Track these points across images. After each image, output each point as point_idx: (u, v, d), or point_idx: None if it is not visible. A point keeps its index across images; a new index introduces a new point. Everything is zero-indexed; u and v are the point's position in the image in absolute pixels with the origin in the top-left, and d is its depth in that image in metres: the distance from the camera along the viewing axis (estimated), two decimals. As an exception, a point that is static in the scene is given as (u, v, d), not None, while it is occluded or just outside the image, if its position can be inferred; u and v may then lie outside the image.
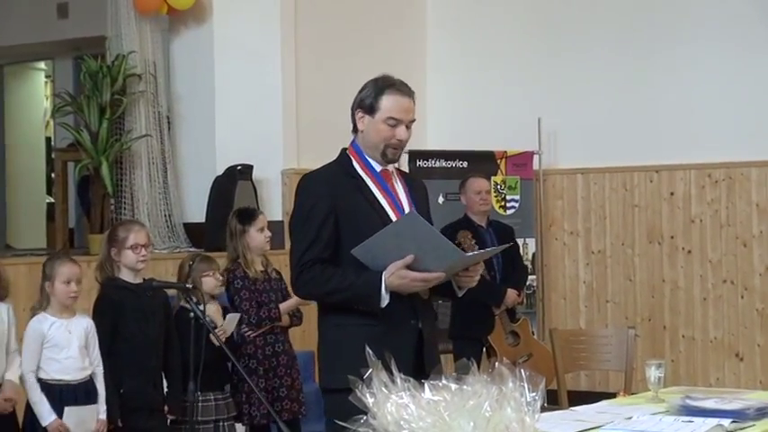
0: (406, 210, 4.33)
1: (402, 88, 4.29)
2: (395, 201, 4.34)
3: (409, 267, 4.09)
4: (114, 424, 5.75)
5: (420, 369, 4.05)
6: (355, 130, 4.35)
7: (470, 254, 4.31)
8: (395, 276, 4.10)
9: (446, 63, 10.46)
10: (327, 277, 4.18)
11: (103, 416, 5.67)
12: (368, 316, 4.18)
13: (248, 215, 6.63)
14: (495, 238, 7.80)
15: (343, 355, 4.17)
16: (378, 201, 4.30)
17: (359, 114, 4.29)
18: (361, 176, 4.31)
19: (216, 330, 5.87)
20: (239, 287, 6.43)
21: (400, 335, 4.19)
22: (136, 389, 5.83)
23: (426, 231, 4.13)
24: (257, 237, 6.53)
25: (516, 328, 7.93)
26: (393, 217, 4.28)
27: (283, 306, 6.50)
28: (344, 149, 4.40)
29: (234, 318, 6.24)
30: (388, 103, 4.24)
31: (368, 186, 4.30)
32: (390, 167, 4.39)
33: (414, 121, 4.33)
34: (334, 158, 4.42)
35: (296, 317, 6.63)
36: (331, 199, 4.22)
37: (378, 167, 4.33)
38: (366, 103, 4.26)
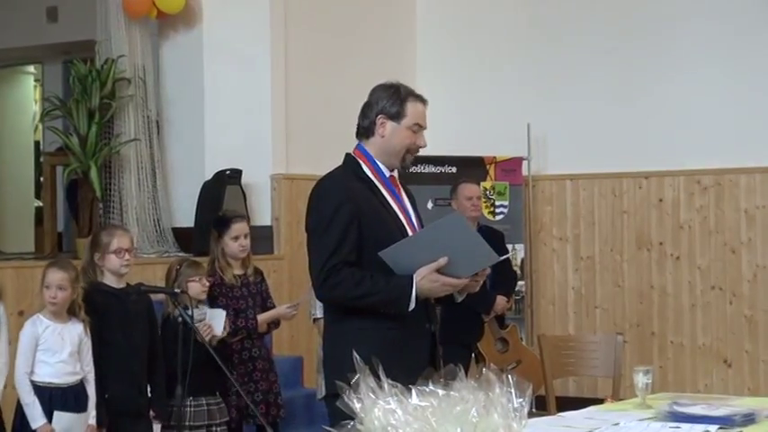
0: (412, 215, 4.41)
1: (421, 97, 4.46)
2: (403, 205, 4.40)
3: (438, 271, 4.13)
4: (104, 429, 5.74)
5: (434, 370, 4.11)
6: (366, 135, 4.38)
7: (500, 258, 4.36)
8: (426, 280, 4.13)
9: (436, 69, 10.46)
10: (357, 281, 4.18)
11: (93, 421, 5.66)
12: (388, 320, 4.20)
13: (224, 222, 6.58)
14: (486, 244, 7.80)
15: (365, 359, 4.15)
16: (390, 204, 4.35)
17: (381, 120, 4.34)
18: (372, 180, 4.35)
19: (202, 328, 5.87)
20: (216, 295, 6.42)
21: (418, 338, 4.26)
22: (121, 394, 5.82)
23: (467, 234, 4.18)
24: (231, 245, 6.50)
25: (505, 335, 7.94)
26: (403, 221, 4.34)
27: (262, 317, 6.48)
28: (349, 154, 4.42)
29: (219, 314, 6.20)
30: (414, 110, 4.38)
31: (380, 190, 4.35)
32: (395, 173, 4.43)
33: (426, 128, 4.46)
34: (339, 164, 4.43)
35: (273, 324, 6.63)
36: (352, 203, 4.23)
37: (387, 172, 4.39)
38: (392, 110, 4.34)
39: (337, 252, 4.19)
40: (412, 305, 4.15)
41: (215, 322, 6.14)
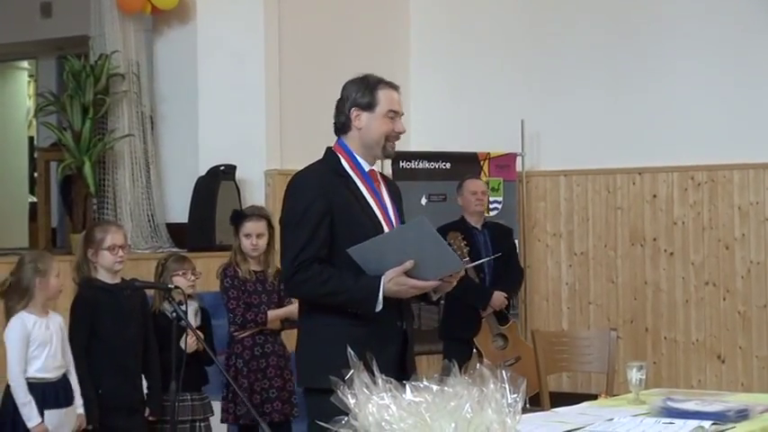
0: (390, 210, 4.37)
1: (392, 83, 4.39)
2: (381, 201, 4.37)
3: (406, 273, 4.12)
4: (93, 425, 5.73)
5: (403, 369, 4.12)
6: (343, 131, 4.36)
7: (467, 262, 4.33)
8: (393, 283, 4.12)
9: (430, 65, 10.47)
10: (325, 279, 4.18)
11: (81, 410, 5.66)
12: (357, 317, 4.19)
13: (238, 218, 6.55)
14: (489, 240, 7.81)
15: (333, 355, 4.15)
16: (366, 200, 4.32)
17: (355, 113, 4.31)
18: (350, 175, 4.33)
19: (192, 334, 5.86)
20: (227, 286, 6.39)
21: (387, 336, 4.23)
22: (114, 389, 5.80)
23: (432, 238, 4.14)
24: (244, 242, 6.46)
25: (504, 331, 7.87)
26: (380, 216, 4.32)
27: (272, 313, 6.44)
28: (330, 148, 4.40)
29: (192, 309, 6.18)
30: (386, 97, 4.32)
31: (357, 185, 4.32)
32: (375, 167, 4.41)
33: (403, 114, 4.41)
34: (320, 158, 4.42)
35: (287, 321, 6.57)
36: (325, 198, 4.22)
37: (366, 167, 4.35)
38: (363, 100, 4.31)
39: (307, 247, 4.18)
40: (379, 306, 4.14)
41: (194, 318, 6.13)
